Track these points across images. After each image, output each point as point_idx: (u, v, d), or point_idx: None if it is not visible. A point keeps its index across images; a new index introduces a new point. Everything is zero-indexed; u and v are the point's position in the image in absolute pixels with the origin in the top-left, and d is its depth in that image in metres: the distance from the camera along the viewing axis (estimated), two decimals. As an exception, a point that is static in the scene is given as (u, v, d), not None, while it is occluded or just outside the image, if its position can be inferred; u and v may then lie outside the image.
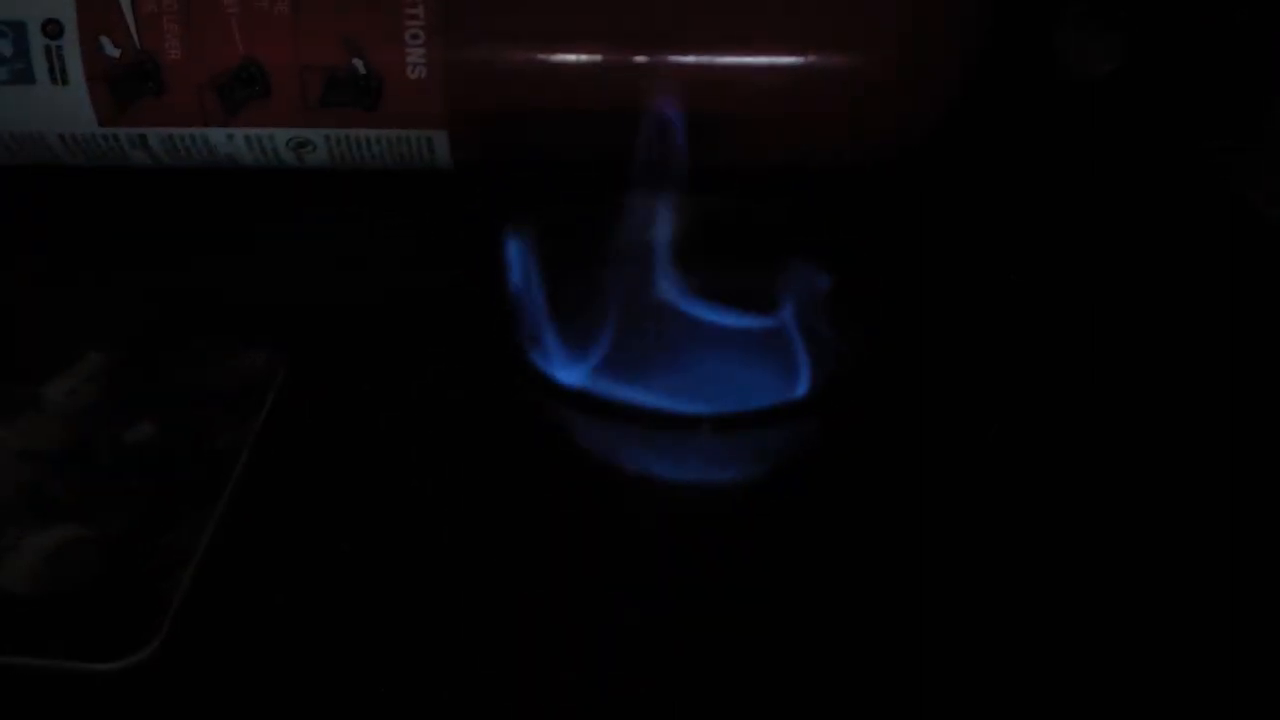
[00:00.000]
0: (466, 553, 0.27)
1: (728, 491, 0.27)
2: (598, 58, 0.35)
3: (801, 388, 0.27)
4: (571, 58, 0.35)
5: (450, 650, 0.25)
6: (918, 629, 0.25)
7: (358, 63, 0.35)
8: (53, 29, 0.34)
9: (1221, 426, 0.30)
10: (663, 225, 0.30)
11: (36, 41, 0.34)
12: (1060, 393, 0.31)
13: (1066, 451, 0.29)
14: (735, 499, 0.28)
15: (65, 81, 0.35)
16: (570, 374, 0.27)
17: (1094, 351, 0.32)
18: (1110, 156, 0.39)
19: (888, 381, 0.29)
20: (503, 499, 0.28)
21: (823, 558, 0.27)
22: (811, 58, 0.35)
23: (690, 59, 0.35)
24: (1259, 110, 0.37)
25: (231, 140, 0.36)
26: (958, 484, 0.28)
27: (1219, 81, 0.37)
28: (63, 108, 0.35)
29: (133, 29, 0.35)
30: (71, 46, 0.35)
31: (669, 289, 0.29)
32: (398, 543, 0.27)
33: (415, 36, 0.35)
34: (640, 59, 0.35)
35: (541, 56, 0.35)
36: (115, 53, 0.35)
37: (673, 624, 0.25)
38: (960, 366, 0.32)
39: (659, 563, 0.27)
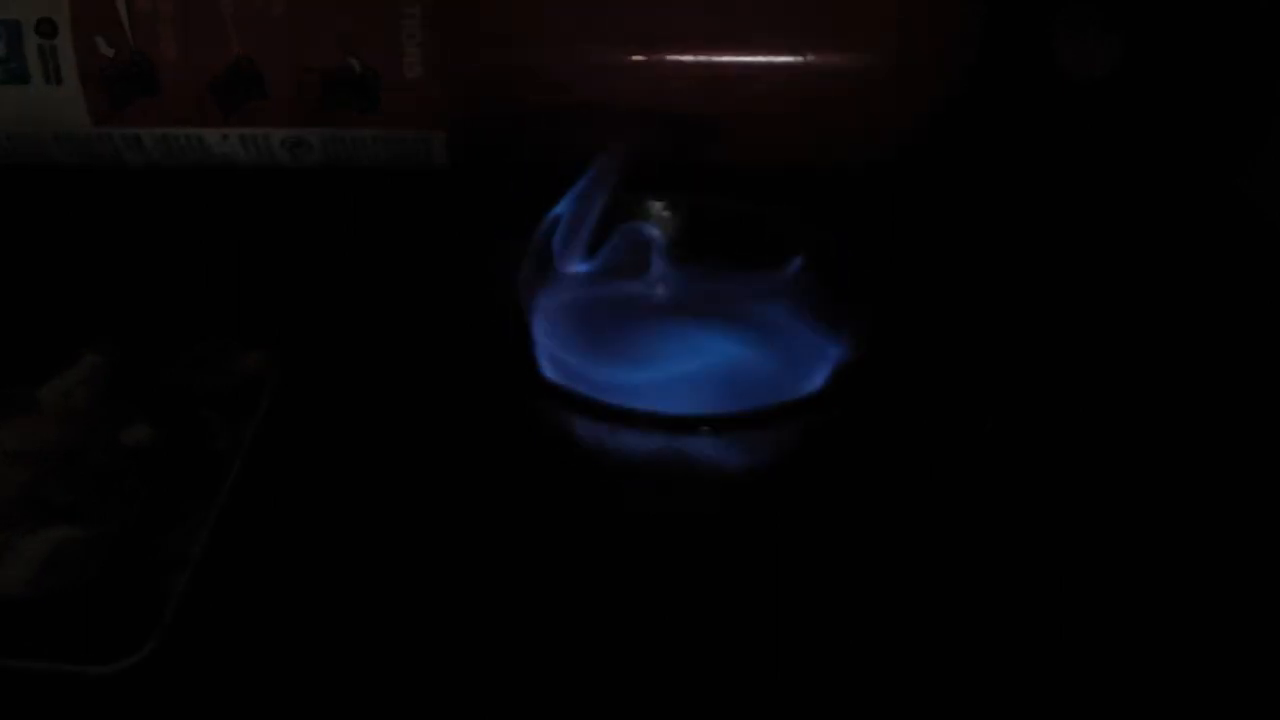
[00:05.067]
0: (465, 553, 0.27)
1: (728, 491, 0.27)
2: (595, 58, 0.35)
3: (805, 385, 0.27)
4: (568, 58, 0.35)
5: (450, 650, 0.25)
6: (916, 624, 0.25)
7: (354, 62, 0.35)
8: (47, 28, 0.34)
9: (1220, 426, 0.30)
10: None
11: (30, 41, 0.34)
12: (1057, 388, 0.31)
13: (1063, 445, 0.29)
14: (734, 498, 0.28)
15: (59, 81, 0.35)
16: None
17: (1092, 349, 0.32)
18: (1110, 157, 0.39)
19: (886, 378, 0.29)
20: (501, 499, 0.28)
21: (821, 554, 0.27)
22: (810, 58, 0.35)
23: (689, 59, 0.35)
24: (1259, 110, 0.37)
25: (226, 140, 0.36)
26: (955, 478, 0.28)
27: (1219, 81, 0.37)
28: (57, 108, 0.35)
29: (127, 29, 0.34)
30: (65, 46, 0.34)
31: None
32: (395, 543, 0.27)
33: (412, 36, 0.34)
34: (638, 59, 0.35)
35: (538, 56, 0.35)
36: (110, 52, 0.34)
37: (673, 624, 0.25)
38: (957, 362, 0.32)
39: (659, 562, 0.27)
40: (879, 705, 0.24)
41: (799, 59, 0.35)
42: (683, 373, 0.28)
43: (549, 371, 0.27)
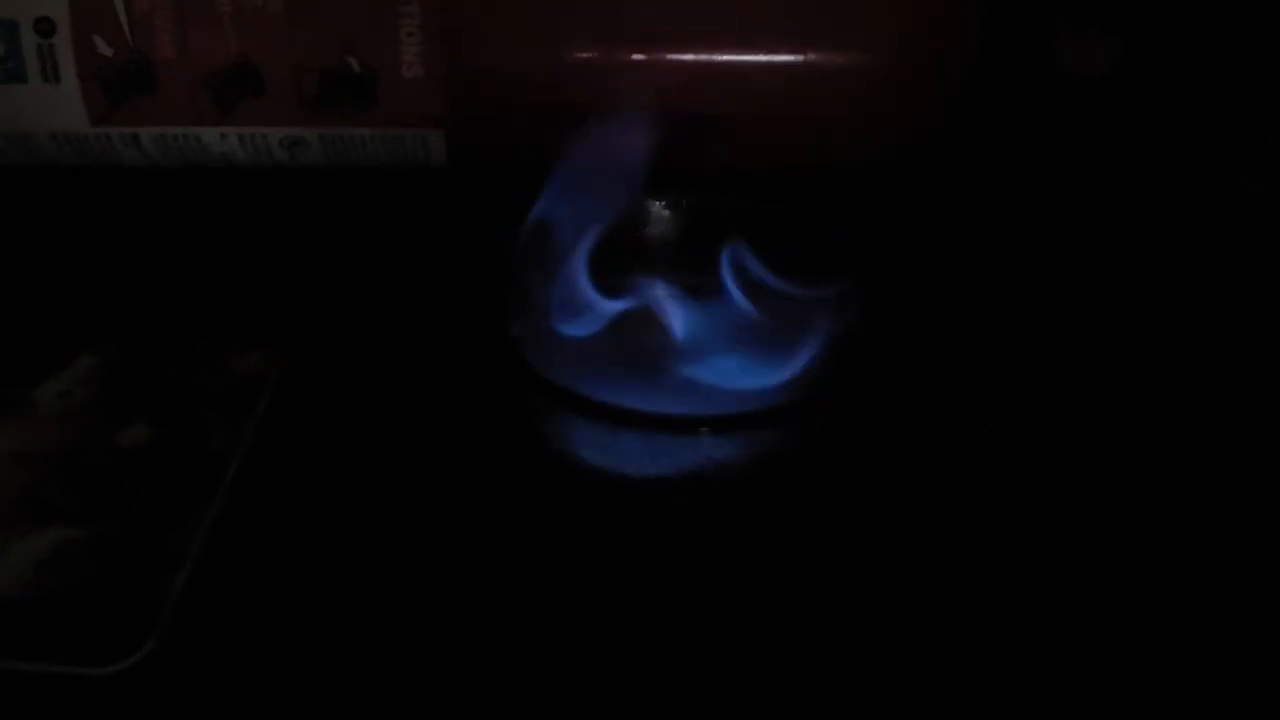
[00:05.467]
0: (465, 553, 0.27)
1: (728, 491, 0.27)
2: (595, 57, 0.35)
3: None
4: (568, 57, 0.35)
5: (448, 650, 0.25)
6: (916, 624, 0.25)
7: (352, 61, 0.35)
8: (45, 27, 0.34)
9: (1220, 425, 0.30)
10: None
11: (29, 40, 0.34)
12: (1057, 387, 0.31)
13: (1063, 445, 0.30)
14: (734, 498, 0.28)
15: (57, 80, 0.35)
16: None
17: (1092, 349, 0.32)
18: (1110, 157, 0.39)
19: (885, 378, 0.29)
20: (500, 499, 0.28)
21: (821, 554, 0.27)
22: (811, 57, 0.35)
23: (688, 59, 0.35)
24: (1259, 110, 0.37)
25: (225, 139, 0.36)
26: (955, 478, 0.29)
27: (1219, 81, 0.37)
28: (55, 107, 0.35)
29: (125, 27, 0.34)
30: (64, 45, 0.34)
31: None
32: (395, 543, 0.27)
33: (410, 35, 0.34)
34: (638, 59, 0.35)
35: (537, 55, 0.35)
36: (108, 51, 0.34)
37: (673, 624, 0.25)
38: (957, 362, 0.32)
39: (659, 562, 0.27)
40: (879, 705, 0.24)
41: (799, 59, 0.35)
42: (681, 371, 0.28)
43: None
